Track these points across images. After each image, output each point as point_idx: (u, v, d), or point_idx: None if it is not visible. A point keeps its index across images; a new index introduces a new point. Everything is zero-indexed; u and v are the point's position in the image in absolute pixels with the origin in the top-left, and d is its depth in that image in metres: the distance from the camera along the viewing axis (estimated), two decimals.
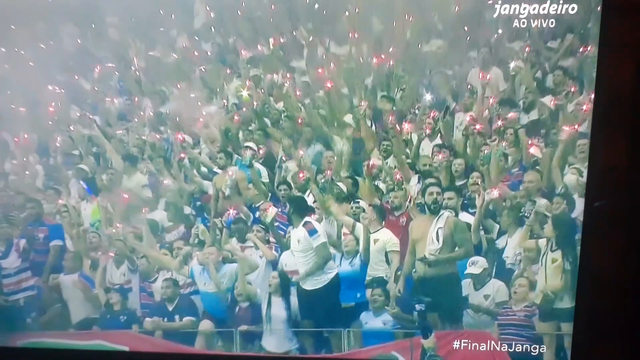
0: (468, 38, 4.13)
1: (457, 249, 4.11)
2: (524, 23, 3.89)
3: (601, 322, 4.16)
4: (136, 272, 4.72)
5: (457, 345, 4.13)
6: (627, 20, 3.83)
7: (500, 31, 3.98)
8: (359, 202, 4.29)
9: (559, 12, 3.84)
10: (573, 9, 3.85)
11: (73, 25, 5.01)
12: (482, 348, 4.13)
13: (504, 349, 4.07)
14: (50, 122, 5.04)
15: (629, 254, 4.03)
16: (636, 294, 4.09)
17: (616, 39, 3.82)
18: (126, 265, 4.74)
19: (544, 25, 3.87)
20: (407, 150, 4.27)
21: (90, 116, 5.03)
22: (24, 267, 5.01)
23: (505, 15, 3.91)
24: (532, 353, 4.01)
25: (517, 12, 3.88)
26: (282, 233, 4.50)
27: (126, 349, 4.79)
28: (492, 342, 4.11)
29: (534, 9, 3.86)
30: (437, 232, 4.05)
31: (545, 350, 4.02)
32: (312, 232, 4.25)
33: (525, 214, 3.98)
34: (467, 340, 4.13)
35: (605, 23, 3.79)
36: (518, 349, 4.05)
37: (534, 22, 3.89)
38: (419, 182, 4.09)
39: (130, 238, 4.76)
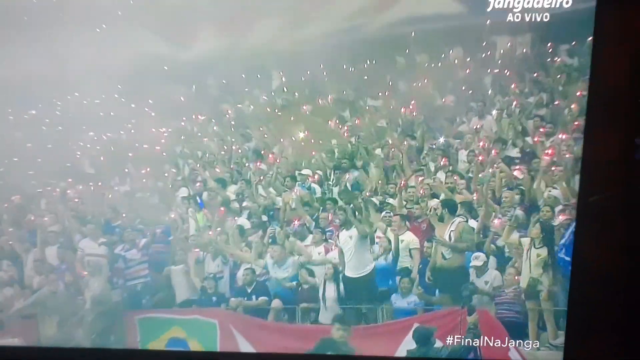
0: (470, 92, 5.75)
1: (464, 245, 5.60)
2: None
3: (594, 314, 4.77)
4: (227, 264, 6.39)
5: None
6: (622, 12, 3.95)
7: (490, 91, 5.60)
8: (390, 212, 5.89)
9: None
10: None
11: (182, 85, 6.97)
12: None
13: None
14: (164, 154, 6.92)
15: (623, 248, 4.44)
16: (629, 287, 4.57)
17: (611, 32, 3.93)
18: (220, 259, 6.42)
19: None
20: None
21: (188, 151, 6.88)
22: (142, 260, 6.78)
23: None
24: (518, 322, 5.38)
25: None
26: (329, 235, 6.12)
27: (215, 321, 6.34)
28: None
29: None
30: (449, 234, 5.55)
31: (529, 321, 5.39)
32: (363, 236, 5.76)
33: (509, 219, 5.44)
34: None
35: (600, 16, 3.94)
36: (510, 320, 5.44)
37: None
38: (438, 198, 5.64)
39: (221, 242, 6.46)
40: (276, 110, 6.38)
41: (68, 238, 6.84)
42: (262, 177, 6.37)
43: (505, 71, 5.60)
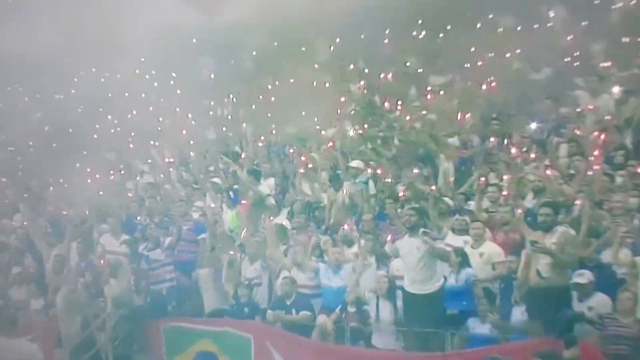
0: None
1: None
2: None
3: None
4: (267, 269, 5.41)
5: None
6: None
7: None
8: (464, 215, 4.69)
9: None
10: None
11: (211, 59, 5.97)
12: None
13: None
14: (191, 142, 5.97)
15: None
16: None
17: None
18: (260, 263, 5.42)
19: None
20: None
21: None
22: (167, 262, 5.94)
23: None
24: None
25: None
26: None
27: (250, 336, 5.44)
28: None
29: None
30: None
31: None
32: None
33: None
34: None
35: None
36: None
37: None
38: (534, 198, 4.37)
39: (253, 241, 5.47)
40: (325, 85, 5.21)
41: (88, 232, 6.10)
42: (304, 170, 5.24)
43: (625, 37, 4.23)
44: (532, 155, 4.61)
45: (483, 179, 4.51)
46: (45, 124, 6.26)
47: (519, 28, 4.33)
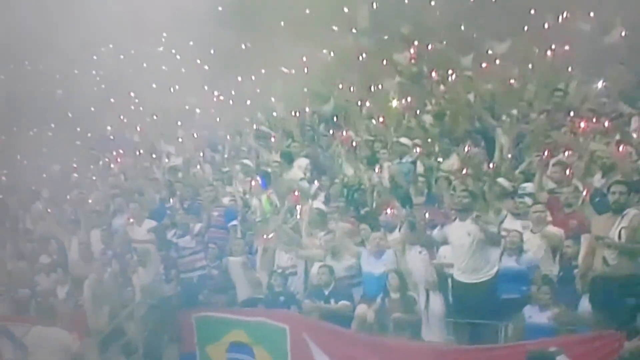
0: None
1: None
2: None
3: None
4: (302, 257, 5.10)
5: None
6: None
7: None
8: (524, 197, 4.23)
9: None
10: None
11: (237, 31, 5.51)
12: None
13: None
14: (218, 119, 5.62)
15: None
16: None
17: None
18: (295, 252, 5.12)
19: None
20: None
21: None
22: (198, 249, 5.69)
23: None
24: None
25: None
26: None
27: (286, 327, 5.15)
28: None
29: None
30: (619, 232, 3.83)
31: None
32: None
33: None
34: None
35: None
36: None
37: None
38: (603, 177, 3.90)
39: (287, 229, 5.14)
40: (362, 57, 4.72)
41: (110, 219, 5.86)
42: (345, 148, 4.79)
43: None
44: (601, 129, 4.07)
45: (545, 155, 4.01)
46: (67, 104, 5.98)
47: None
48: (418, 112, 4.46)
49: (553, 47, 4.16)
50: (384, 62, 4.70)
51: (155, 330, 6.13)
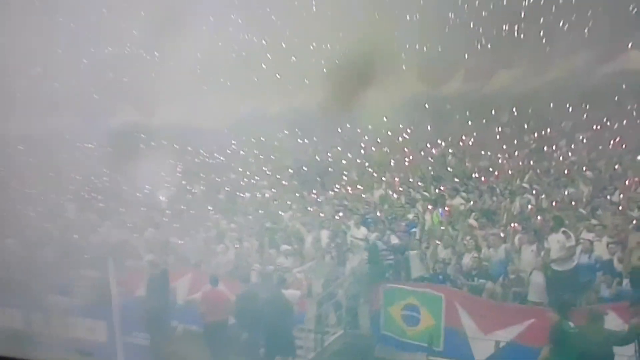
0: None
1: None
2: None
3: None
4: (455, 254, 8.78)
5: None
6: None
7: None
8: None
9: None
10: None
11: None
12: None
13: None
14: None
15: None
16: None
17: None
18: (450, 250, 8.86)
19: None
20: None
21: None
22: (387, 249, 9.64)
23: None
24: None
25: None
26: None
27: (442, 295, 8.57)
28: None
29: None
30: None
31: None
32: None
33: None
34: None
35: None
36: None
37: None
38: None
39: (449, 234, 8.92)
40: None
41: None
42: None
43: None
44: None
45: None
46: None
47: None
48: None
49: None
50: None
51: (355, 296, 9.92)
